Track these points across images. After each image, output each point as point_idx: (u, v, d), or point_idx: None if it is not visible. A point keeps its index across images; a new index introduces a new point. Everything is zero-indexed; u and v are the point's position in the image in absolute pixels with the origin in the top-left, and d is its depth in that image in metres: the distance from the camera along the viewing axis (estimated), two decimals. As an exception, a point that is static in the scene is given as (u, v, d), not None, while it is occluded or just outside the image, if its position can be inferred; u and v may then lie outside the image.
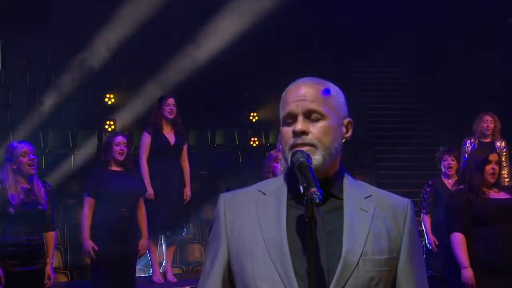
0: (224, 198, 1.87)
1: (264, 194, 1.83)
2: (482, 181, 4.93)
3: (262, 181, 1.91)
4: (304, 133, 1.77)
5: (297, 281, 1.68)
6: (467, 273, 4.84)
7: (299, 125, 1.77)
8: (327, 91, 1.83)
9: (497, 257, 4.73)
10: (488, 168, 4.94)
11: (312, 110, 1.79)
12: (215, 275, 1.81)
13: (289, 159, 1.76)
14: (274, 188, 1.83)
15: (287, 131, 1.80)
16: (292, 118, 1.80)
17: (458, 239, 4.90)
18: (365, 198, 1.81)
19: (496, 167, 4.97)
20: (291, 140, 1.78)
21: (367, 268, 1.72)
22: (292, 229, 1.74)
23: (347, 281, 1.69)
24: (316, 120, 1.79)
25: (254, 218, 1.78)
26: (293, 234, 1.73)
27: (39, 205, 5.20)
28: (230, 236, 1.80)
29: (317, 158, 1.76)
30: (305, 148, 1.76)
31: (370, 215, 1.77)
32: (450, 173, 6.60)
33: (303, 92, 1.81)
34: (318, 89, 1.82)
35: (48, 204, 5.30)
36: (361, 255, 1.71)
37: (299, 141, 1.77)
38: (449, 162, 6.61)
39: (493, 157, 5.02)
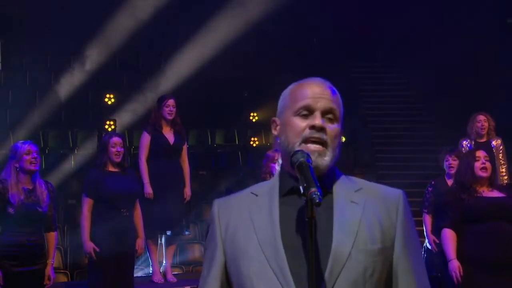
0: (218, 203, 1.90)
1: (256, 195, 1.84)
2: (474, 179, 4.97)
3: (255, 184, 1.92)
4: (323, 129, 1.78)
5: (293, 278, 1.69)
6: (453, 264, 4.91)
7: (320, 121, 1.78)
8: (340, 98, 1.86)
9: (487, 254, 4.76)
10: (477, 164, 4.99)
11: (331, 110, 1.81)
12: (213, 277, 1.83)
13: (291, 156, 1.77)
14: (266, 189, 1.85)
15: (300, 122, 1.80)
16: (308, 111, 1.80)
17: (446, 234, 4.98)
18: (356, 191, 1.82)
19: (487, 163, 5.01)
20: (306, 132, 1.78)
21: (360, 259, 1.72)
22: (285, 226, 1.75)
23: (339, 273, 1.69)
24: (331, 121, 1.81)
25: (247, 219, 1.80)
26: (287, 232, 1.74)
27: (39, 207, 5.20)
28: (225, 239, 1.82)
29: (326, 159, 1.79)
30: (317, 147, 1.77)
31: (360, 207, 1.77)
32: (451, 172, 6.55)
33: (322, 90, 1.83)
34: (334, 92, 1.85)
35: (49, 205, 5.30)
36: (352, 247, 1.72)
37: (316, 135, 1.78)
38: (450, 162, 6.59)
39: (480, 153, 5.09)
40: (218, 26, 12.23)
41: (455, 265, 4.91)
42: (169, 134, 7.02)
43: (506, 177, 7.35)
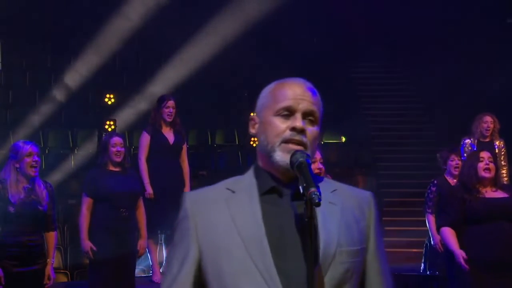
0: (190, 198, 1.84)
1: (233, 192, 1.81)
2: (477, 179, 4.96)
3: (227, 179, 1.88)
4: (303, 131, 1.78)
5: (279, 276, 1.69)
6: (458, 254, 4.85)
7: (301, 122, 1.78)
8: (320, 99, 1.85)
9: (490, 255, 4.76)
10: (481, 165, 4.97)
11: (312, 112, 1.80)
12: (186, 275, 1.77)
13: (279, 153, 1.76)
14: (243, 185, 1.82)
15: (280, 123, 1.79)
16: (289, 112, 1.79)
17: (447, 232, 4.98)
18: (331, 192, 1.82)
19: (491, 163, 4.99)
20: (286, 133, 1.77)
21: (343, 260, 1.73)
22: (268, 225, 1.73)
23: (326, 274, 1.70)
24: (311, 123, 1.81)
25: (227, 216, 1.76)
26: (270, 230, 1.72)
27: (39, 206, 5.19)
28: (201, 236, 1.77)
29: None
30: (298, 147, 1.76)
31: (338, 208, 1.77)
32: (456, 172, 6.52)
33: (303, 92, 1.81)
34: (315, 94, 1.83)
35: (49, 204, 5.29)
36: (336, 248, 1.73)
37: (297, 137, 1.77)
38: (457, 162, 6.55)
39: (484, 154, 5.07)
40: (218, 26, 12.24)
41: (461, 253, 4.85)
42: (169, 134, 7.02)
43: (506, 179, 7.35)
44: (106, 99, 11.86)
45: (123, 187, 5.90)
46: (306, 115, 1.79)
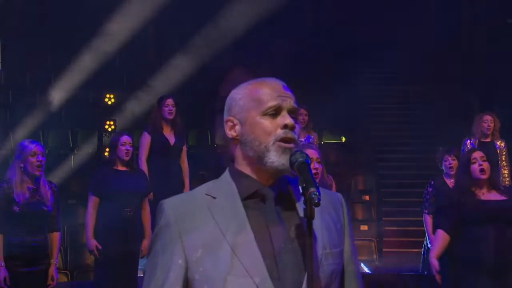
0: (171, 205, 1.81)
1: (214, 197, 1.79)
2: (471, 181, 4.92)
3: (203, 185, 1.87)
4: (294, 128, 1.78)
5: (272, 282, 1.68)
6: (432, 262, 5.10)
7: (291, 120, 1.78)
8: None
9: (486, 257, 4.75)
10: (474, 166, 4.93)
11: (295, 110, 1.81)
12: (172, 284, 1.73)
13: (274, 153, 1.75)
14: (223, 191, 1.79)
15: (269, 122, 1.77)
16: (276, 111, 1.78)
17: (438, 235, 5.03)
18: None
19: (484, 163, 4.93)
20: (279, 132, 1.76)
21: (329, 262, 1.75)
22: (255, 231, 1.72)
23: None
24: (295, 120, 1.81)
25: (212, 223, 1.74)
26: (258, 236, 1.71)
27: (44, 206, 5.20)
28: (187, 243, 1.73)
29: None
30: (291, 145, 1.76)
31: (318, 210, 1.74)
32: (451, 172, 6.55)
33: (284, 90, 1.82)
34: (292, 91, 1.84)
35: (53, 205, 5.30)
36: (322, 250, 1.74)
37: (289, 135, 1.76)
38: (450, 162, 6.58)
39: (476, 154, 4.99)
40: (218, 26, 12.24)
41: (434, 263, 5.09)
42: (169, 134, 7.03)
43: (508, 179, 7.34)
44: (106, 99, 11.85)
45: (130, 186, 5.91)
46: (290, 112, 1.79)
